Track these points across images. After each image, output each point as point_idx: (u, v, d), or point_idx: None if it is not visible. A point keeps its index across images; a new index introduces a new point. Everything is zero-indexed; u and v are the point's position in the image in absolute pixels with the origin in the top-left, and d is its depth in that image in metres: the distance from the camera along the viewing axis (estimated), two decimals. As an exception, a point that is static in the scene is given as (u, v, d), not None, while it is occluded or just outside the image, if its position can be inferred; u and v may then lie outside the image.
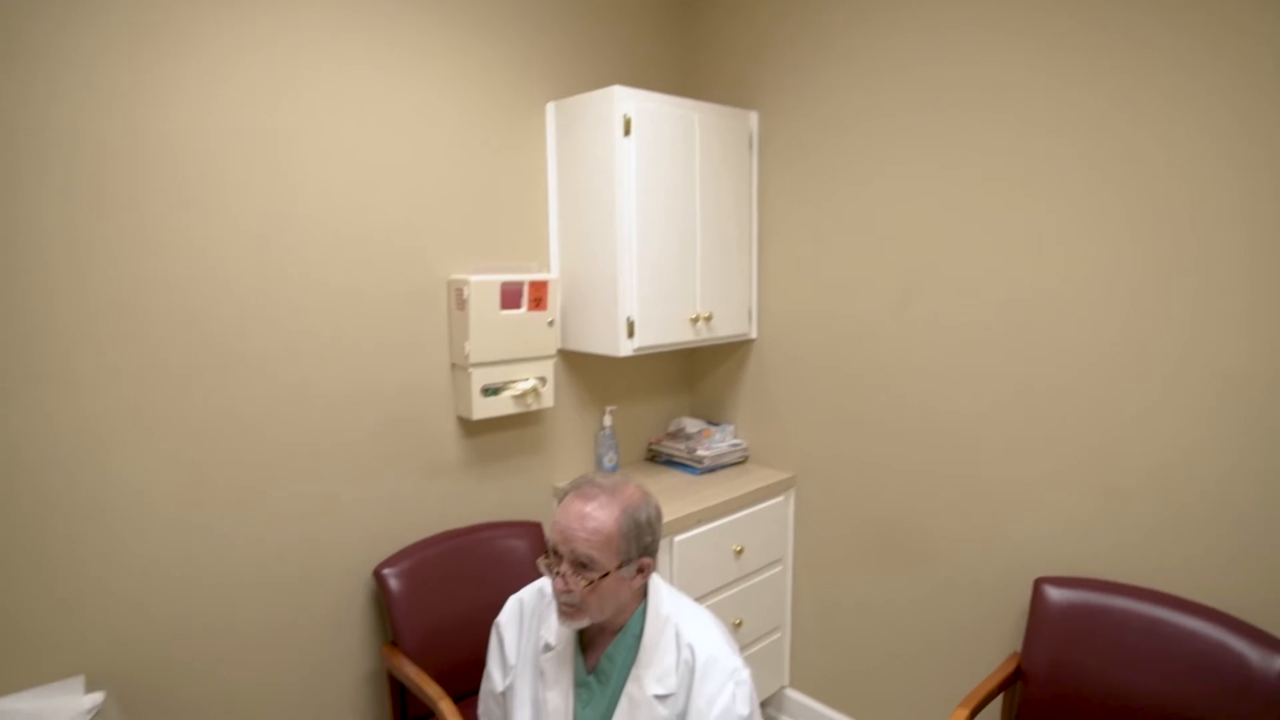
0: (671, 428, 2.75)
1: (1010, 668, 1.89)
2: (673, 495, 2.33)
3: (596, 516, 1.25)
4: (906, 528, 2.27)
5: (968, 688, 2.15)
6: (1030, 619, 1.90)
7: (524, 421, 2.32)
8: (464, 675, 1.90)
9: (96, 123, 1.53)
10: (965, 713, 1.73)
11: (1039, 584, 1.91)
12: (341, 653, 2.00)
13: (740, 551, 2.37)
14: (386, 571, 1.97)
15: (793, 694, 2.64)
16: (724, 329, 2.46)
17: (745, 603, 2.41)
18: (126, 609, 1.66)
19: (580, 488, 1.31)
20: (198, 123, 1.66)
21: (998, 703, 1.90)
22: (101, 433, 1.59)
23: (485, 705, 1.48)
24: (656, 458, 2.70)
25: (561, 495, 1.34)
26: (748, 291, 2.55)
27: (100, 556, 1.61)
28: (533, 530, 2.24)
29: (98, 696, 1.54)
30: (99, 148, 1.54)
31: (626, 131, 2.09)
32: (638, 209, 2.13)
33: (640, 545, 1.29)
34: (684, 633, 1.32)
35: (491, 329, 2.06)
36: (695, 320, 2.34)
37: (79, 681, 1.56)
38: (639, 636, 1.32)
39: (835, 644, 2.51)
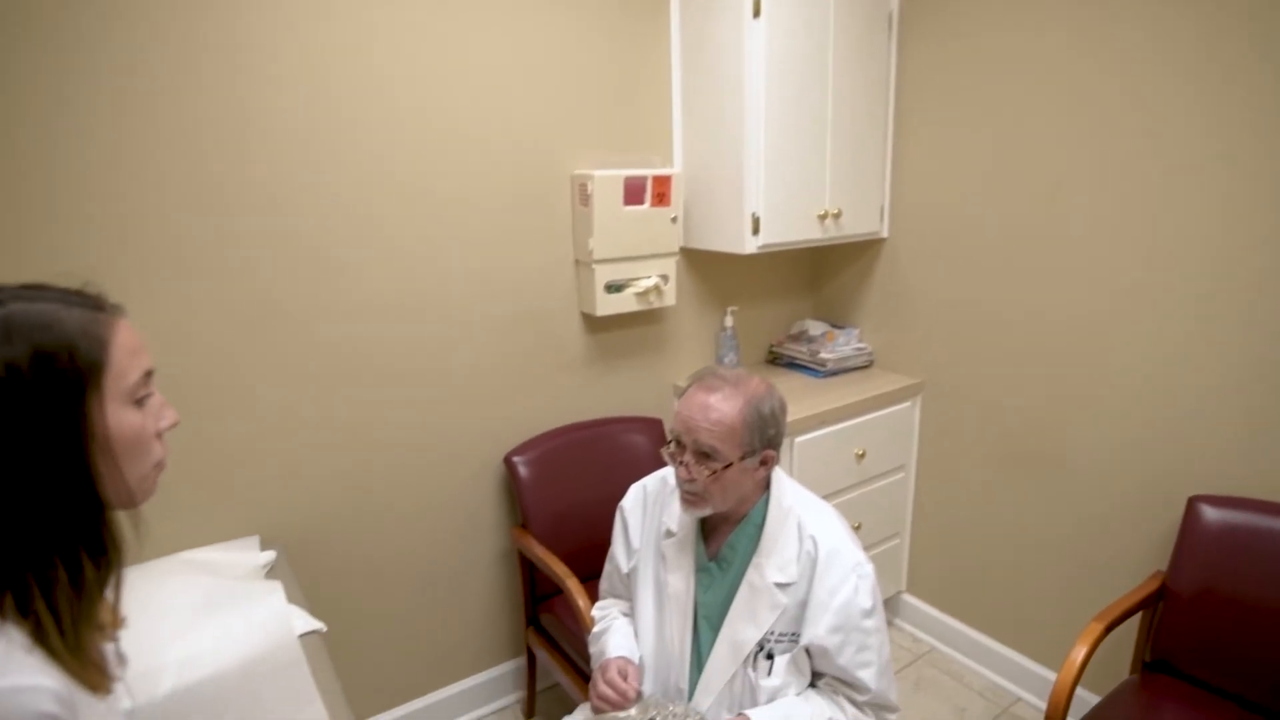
0: (794, 330, 2.69)
1: (1153, 586, 1.79)
2: (794, 397, 2.30)
3: (720, 408, 1.25)
4: (1042, 440, 2.15)
5: (1099, 605, 2.06)
6: (1180, 537, 1.78)
7: (646, 319, 2.33)
8: (587, 559, 2.00)
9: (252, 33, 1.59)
10: (1100, 627, 1.66)
11: (1193, 502, 1.77)
12: (476, 531, 2.15)
13: (862, 455, 2.33)
14: (516, 459, 2.07)
15: (909, 599, 2.63)
16: (853, 227, 2.34)
17: (864, 507, 2.39)
18: (293, 482, 1.83)
19: (704, 379, 1.30)
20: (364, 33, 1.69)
21: (1133, 623, 1.81)
22: (252, 318, 1.72)
23: (610, 583, 1.55)
24: (778, 360, 2.66)
25: (684, 388, 1.34)
26: (880, 187, 2.40)
27: (270, 433, 1.78)
28: (653, 426, 2.28)
29: (271, 554, 1.74)
30: (254, 53, 1.60)
31: (756, 12, 1.97)
32: (766, 97, 2.02)
33: (764, 437, 1.28)
34: (806, 525, 1.31)
35: (614, 225, 2.05)
36: (823, 217, 2.24)
37: (255, 540, 1.76)
38: (760, 526, 1.33)
39: (956, 553, 2.46)
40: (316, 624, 1.55)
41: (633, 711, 1.17)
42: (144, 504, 0.79)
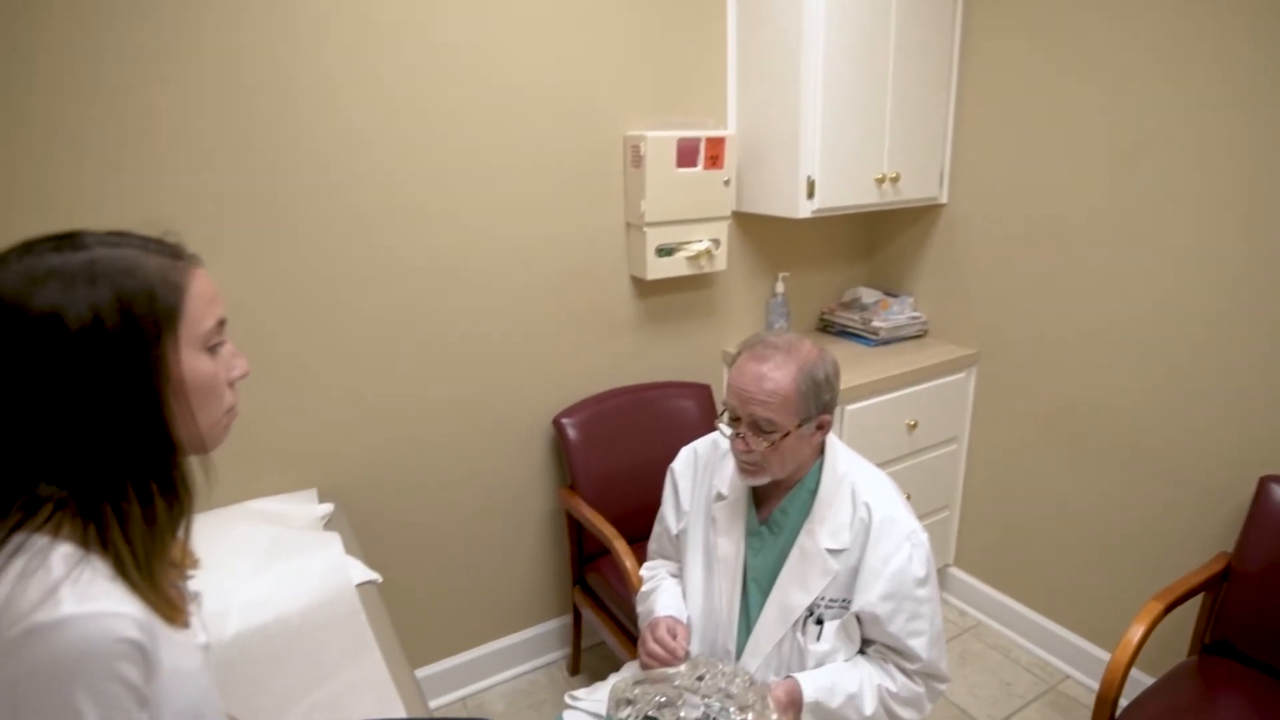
0: (846, 297, 2.65)
1: (1217, 566, 1.74)
2: (846, 366, 2.23)
3: (773, 377, 1.23)
4: (1104, 416, 2.08)
5: (1155, 585, 2.00)
6: (1250, 518, 1.72)
7: (696, 284, 2.31)
8: (633, 521, 2.01)
9: None
10: (1160, 606, 1.62)
11: (1265, 482, 1.71)
12: (525, 491, 2.18)
13: (913, 426, 2.29)
14: (565, 421, 2.08)
15: (957, 573, 2.59)
16: (911, 192, 2.27)
17: (915, 478, 2.35)
18: (349, 438, 1.88)
19: (753, 348, 1.28)
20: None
21: (1191, 605, 1.75)
22: (312, 280, 1.75)
23: (658, 544, 1.56)
24: (829, 328, 2.62)
25: (733, 357, 1.32)
26: (941, 151, 2.32)
27: (327, 392, 1.82)
28: (702, 392, 2.27)
29: (328, 506, 1.79)
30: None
31: (817, -34, 1.90)
32: (825, 56, 1.96)
33: (819, 402, 1.26)
34: (860, 491, 1.30)
35: (667, 187, 2.02)
36: (881, 181, 2.18)
37: (313, 493, 1.81)
38: (814, 491, 1.31)
39: (1007, 527, 2.41)
40: (372, 574, 1.60)
41: (682, 669, 1.18)
42: (214, 450, 0.81)
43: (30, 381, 0.66)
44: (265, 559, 1.51)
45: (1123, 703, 1.58)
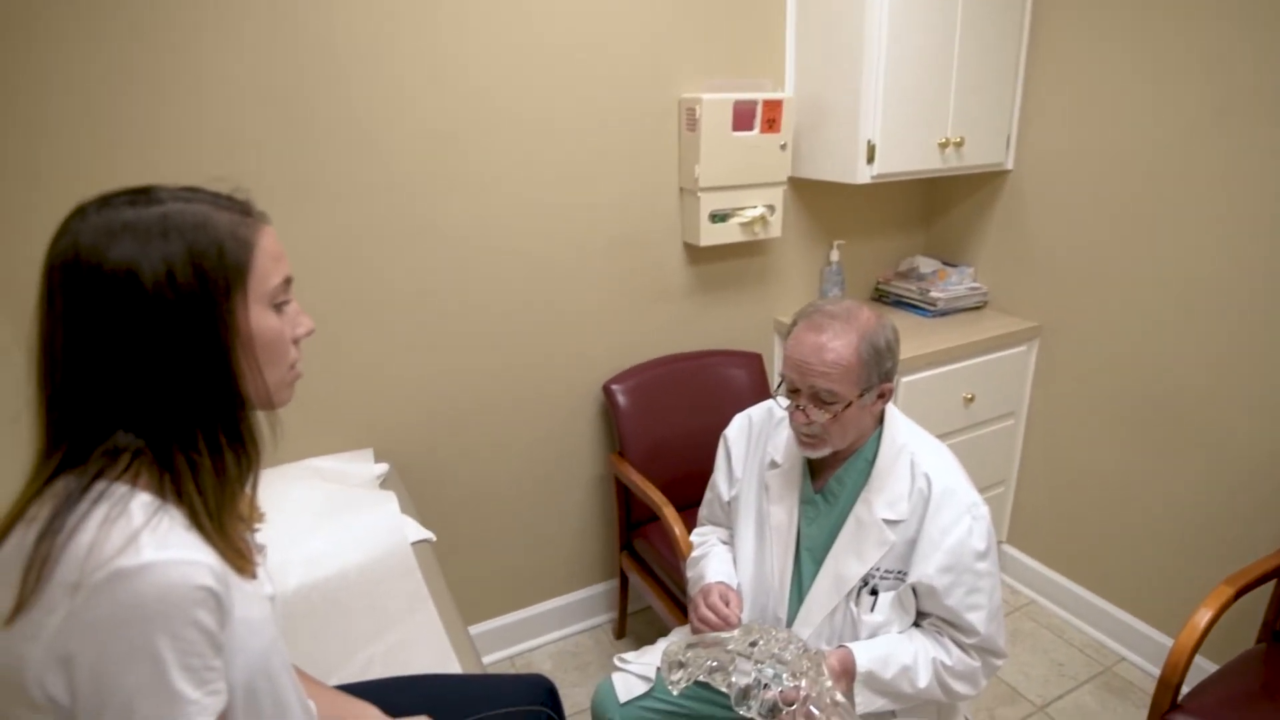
0: (903, 267, 2.58)
1: (1293, 552, 1.66)
2: (902, 337, 2.15)
3: (833, 347, 1.20)
4: (1173, 396, 2.00)
5: (1222, 570, 1.93)
6: (1330, 501, 1.64)
7: (749, 251, 2.27)
8: (681, 489, 2.01)
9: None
10: (1230, 591, 1.56)
11: (1349, 464, 1.62)
12: (574, 455, 2.19)
13: (970, 400, 2.24)
14: (614, 387, 2.08)
15: (1010, 550, 2.54)
16: (975, 157, 2.19)
17: (970, 452, 2.29)
18: (403, 398, 1.90)
19: (810, 317, 1.25)
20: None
21: (1261, 591, 1.68)
22: (366, 242, 1.76)
23: (709, 511, 1.56)
24: (884, 298, 2.56)
25: (789, 327, 1.29)
26: (1008, 114, 2.22)
27: (383, 354, 1.84)
28: (753, 361, 2.25)
29: (384, 466, 1.82)
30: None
31: (884, -82, 1.82)
32: (889, 13, 1.88)
33: (881, 371, 1.23)
34: (920, 462, 1.27)
35: (722, 151, 1.98)
36: (944, 146, 2.10)
37: (369, 453, 1.85)
38: (872, 461, 1.29)
39: (1064, 506, 2.35)
40: (427, 534, 1.63)
41: (735, 634, 1.18)
42: (281, 408, 0.82)
43: (105, 333, 0.67)
44: (325, 515, 1.55)
45: (1184, 689, 1.53)
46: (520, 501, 2.15)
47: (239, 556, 0.76)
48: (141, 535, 0.65)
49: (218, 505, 0.73)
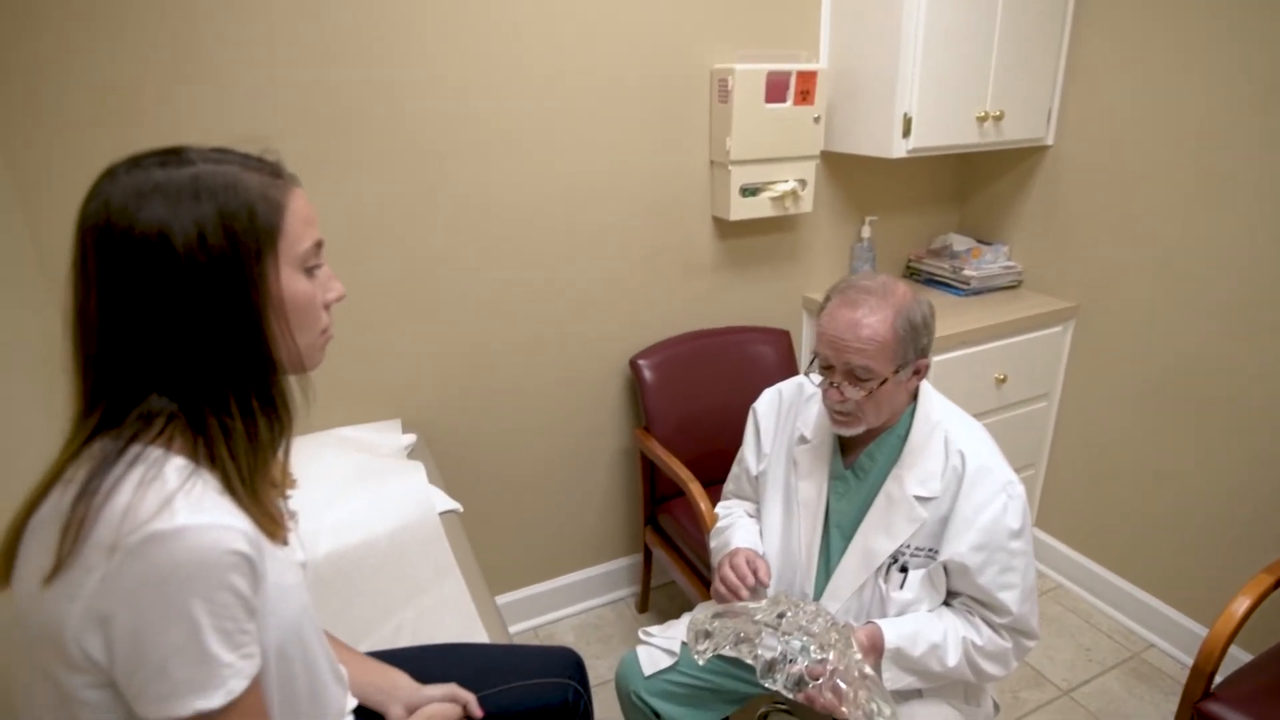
0: (935, 244, 2.53)
1: (1336, 539, 1.62)
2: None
3: (868, 323, 1.18)
4: (1215, 381, 1.94)
5: (1260, 559, 1.89)
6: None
7: (779, 226, 2.23)
8: (706, 465, 1.99)
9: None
10: (1270, 580, 1.52)
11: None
12: (599, 430, 2.19)
13: (1003, 380, 2.20)
14: (641, 362, 2.07)
15: (1038, 533, 2.51)
16: (1015, 132, 2.13)
17: (1001, 434, 2.19)
18: (429, 370, 1.91)
19: (844, 293, 1.23)
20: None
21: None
22: (393, 213, 1.76)
23: (736, 485, 1.54)
24: (916, 275, 2.51)
25: (821, 303, 1.27)
26: (1050, 87, 2.15)
27: (410, 325, 1.85)
28: (781, 338, 2.22)
29: (411, 437, 1.83)
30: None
31: (927, -119, 1.76)
32: (930, -19, 1.83)
33: (917, 347, 1.21)
34: (954, 439, 1.25)
35: (754, 123, 1.94)
36: (983, 119, 2.04)
37: (397, 424, 1.86)
38: (904, 437, 1.27)
39: (1096, 490, 2.31)
40: (454, 504, 1.64)
41: (763, 604, 1.17)
42: (312, 371, 0.82)
43: (137, 296, 0.67)
44: (354, 483, 1.56)
45: (1216, 678, 1.51)
46: (545, 474, 2.16)
47: (271, 522, 0.76)
48: (176, 499, 0.66)
49: (250, 470, 0.73)
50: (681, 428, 2.08)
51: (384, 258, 1.77)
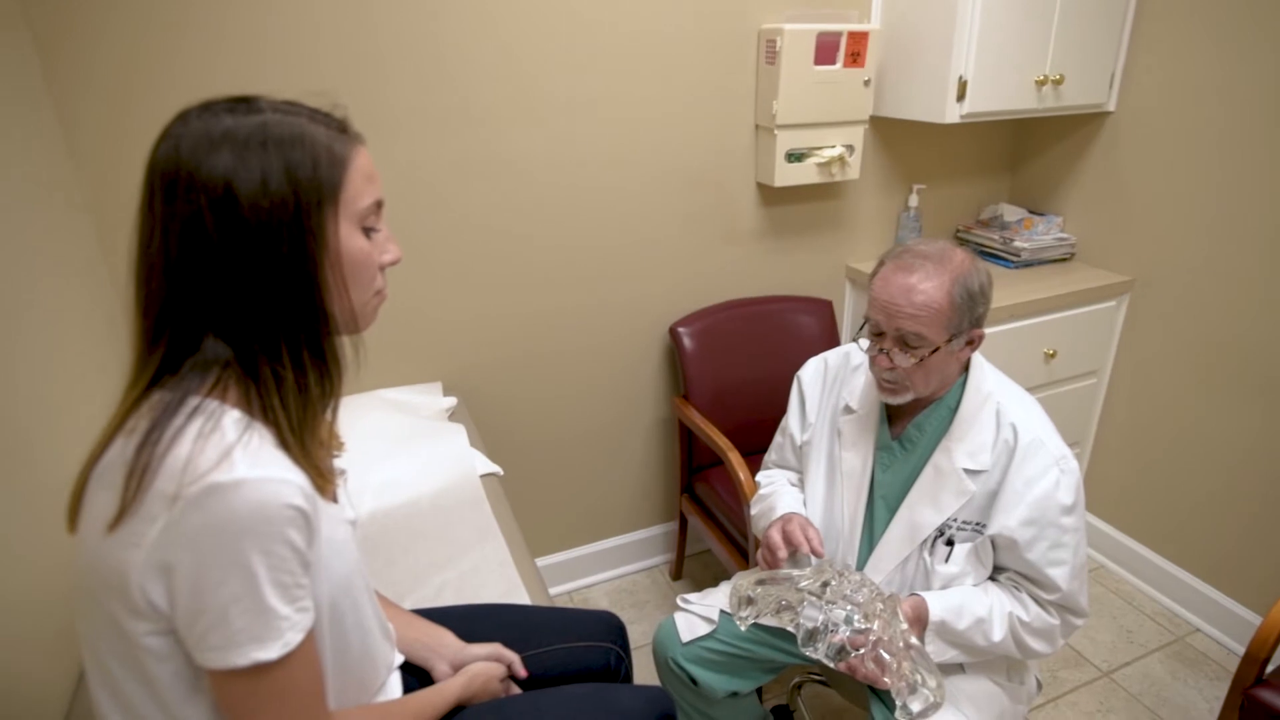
0: (985, 214, 2.46)
1: (1403, 525, 1.55)
2: (981, 286, 2.12)
3: (923, 289, 1.14)
4: (1273, 360, 1.86)
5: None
6: None
7: (824, 194, 2.18)
8: (745, 435, 1.98)
9: None
10: (1331, 561, 1.47)
11: None
12: (638, 397, 2.19)
13: (1052, 355, 2.14)
14: (681, 330, 2.05)
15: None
16: (1075, 97, 2.04)
17: (1047, 410, 2.18)
18: (469, 335, 1.91)
19: (899, 258, 1.19)
20: None
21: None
22: (435, 180, 1.75)
23: (779, 454, 1.52)
24: (964, 247, 2.44)
25: (874, 267, 1.23)
26: (1114, 49, 2.06)
27: (450, 290, 1.85)
28: (823, 308, 2.19)
29: (452, 399, 1.84)
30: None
31: None
32: (992, -65, 1.75)
33: (972, 316, 1.18)
34: (1007, 412, 1.22)
35: (802, 87, 1.89)
36: (1042, 83, 1.96)
37: (437, 386, 1.87)
38: (954, 409, 1.24)
39: (1144, 470, 2.25)
40: (494, 467, 1.64)
41: (807, 572, 1.16)
42: (365, 330, 0.82)
43: (200, 240, 0.67)
44: (397, 444, 1.58)
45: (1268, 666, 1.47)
46: (582, 440, 2.16)
47: (321, 478, 0.77)
48: (235, 451, 0.66)
49: (300, 422, 0.74)
50: (720, 397, 2.06)
51: (426, 221, 1.76)
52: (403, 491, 1.48)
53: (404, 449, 1.56)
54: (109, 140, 1.46)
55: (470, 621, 1.12)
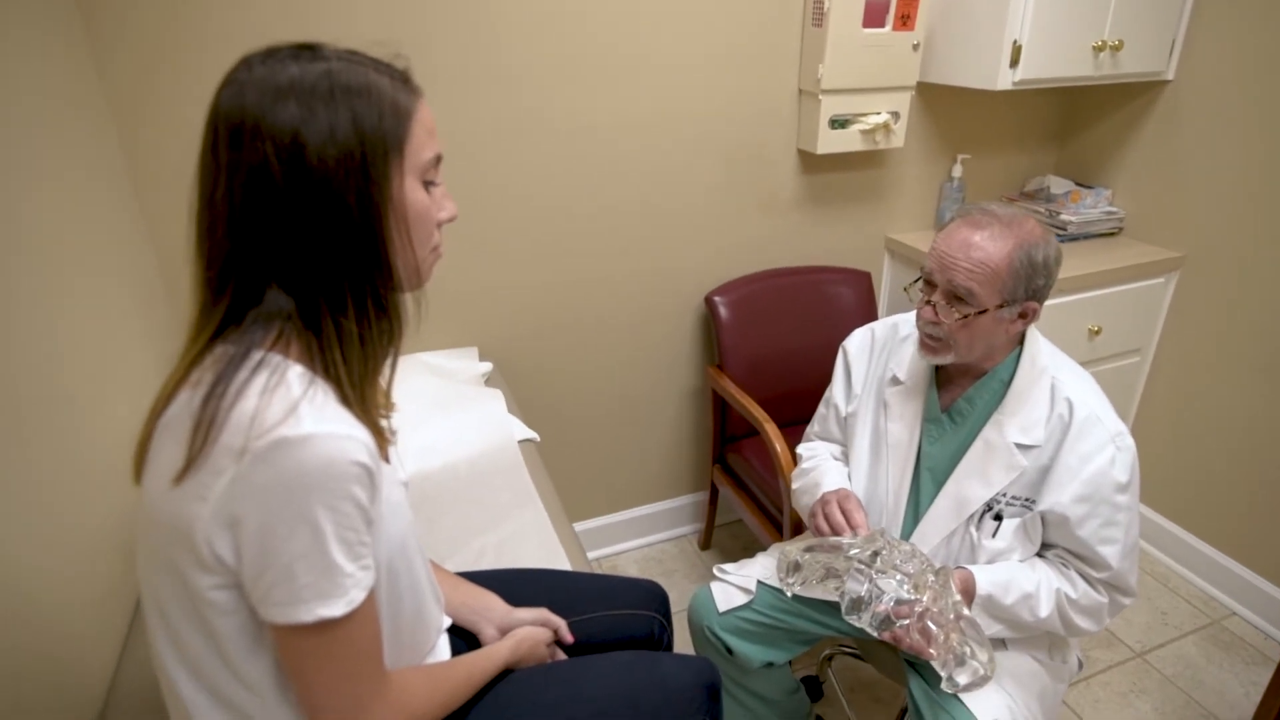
0: (1030, 186, 2.39)
1: None
2: (1026, 260, 2.07)
3: (984, 247, 1.11)
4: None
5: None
6: None
7: (866, 162, 2.13)
8: (779, 406, 1.95)
9: None
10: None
11: None
12: (672, 365, 2.17)
13: (1096, 332, 2.09)
14: (717, 299, 2.03)
15: (1118, 492, 2.42)
16: (1133, 64, 1.97)
17: (1089, 388, 2.17)
18: (505, 301, 1.90)
19: (969, 214, 1.16)
20: None
21: None
22: (472, 144, 1.72)
23: (822, 426, 1.50)
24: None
25: (943, 224, 1.20)
26: (1176, 14, 1.98)
27: (487, 255, 1.83)
28: (862, 280, 2.15)
29: (488, 365, 1.84)
30: None
31: None
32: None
33: (1029, 287, 1.14)
34: (1062, 387, 1.19)
35: (849, 50, 1.84)
36: (1099, 49, 1.89)
37: (474, 351, 1.87)
38: (1007, 383, 1.21)
39: (1184, 451, 2.21)
40: (531, 433, 1.64)
41: (857, 540, 1.14)
42: (424, 284, 0.81)
43: (266, 191, 0.66)
44: (435, 409, 1.58)
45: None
46: (615, 408, 2.15)
47: (380, 437, 0.76)
48: (301, 405, 0.65)
49: (361, 377, 0.73)
50: (755, 367, 2.04)
51: (463, 186, 1.74)
52: (441, 456, 1.48)
53: (443, 413, 1.56)
54: (152, 113, 1.45)
55: (514, 585, 1.12)
